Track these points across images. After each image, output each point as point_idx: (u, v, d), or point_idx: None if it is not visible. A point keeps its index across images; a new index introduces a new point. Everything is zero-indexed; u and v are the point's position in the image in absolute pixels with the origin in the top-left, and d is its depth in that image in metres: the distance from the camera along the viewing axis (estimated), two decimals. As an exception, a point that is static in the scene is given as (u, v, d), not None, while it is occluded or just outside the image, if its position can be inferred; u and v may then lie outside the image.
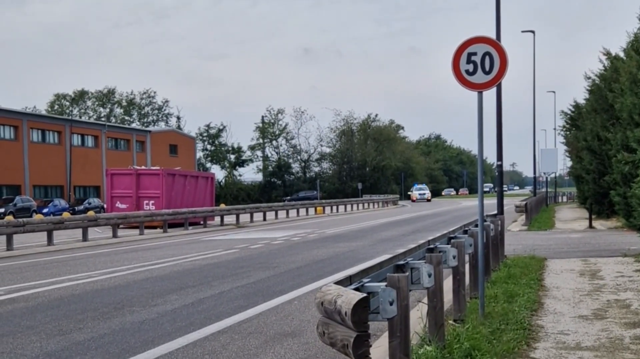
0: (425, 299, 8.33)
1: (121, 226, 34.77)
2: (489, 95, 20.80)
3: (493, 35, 14.51)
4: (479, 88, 9.47)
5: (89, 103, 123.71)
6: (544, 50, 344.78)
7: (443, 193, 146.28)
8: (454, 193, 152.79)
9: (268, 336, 9.48)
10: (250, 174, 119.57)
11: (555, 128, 71.44)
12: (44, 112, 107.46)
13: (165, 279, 15.93)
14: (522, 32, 53.46)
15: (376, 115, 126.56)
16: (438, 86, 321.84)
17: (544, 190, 71.89)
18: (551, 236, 26.21)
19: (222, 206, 47.80)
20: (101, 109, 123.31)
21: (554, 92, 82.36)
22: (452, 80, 9.41)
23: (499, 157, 20.50)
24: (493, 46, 9.36)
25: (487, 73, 9.33)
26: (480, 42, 9.35)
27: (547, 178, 67.44)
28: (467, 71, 9.37)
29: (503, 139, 21.20)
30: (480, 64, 9.30)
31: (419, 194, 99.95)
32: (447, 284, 9.63)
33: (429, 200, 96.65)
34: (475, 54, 9.32)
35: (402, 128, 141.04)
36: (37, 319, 11.03)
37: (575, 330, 9.01)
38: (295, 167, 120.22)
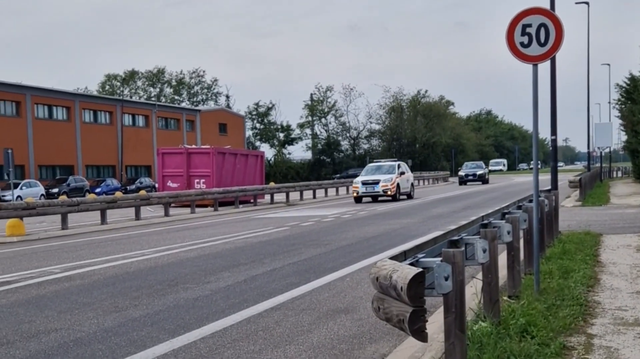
0: (479, 275, 8.24)
1: (172, 205, 35.13)
2: (542, 68, 20.44)
3: (547, 7, 14.16)
4: (534, 60, 9.28)
5: (139, 83, 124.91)
6: (599, 21, 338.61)
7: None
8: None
9: (321, 312, 9.49)
10: (299, 152, 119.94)
11: (610, 102, 70.26)
12: (95, 93, 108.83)
13: (217, 257, 16.04)
14: (576, 3, 52.43)
15: (426, 91, 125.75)
16: (488, 61, 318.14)
17: (598, 165, 70.80)
18: (606, 211, 25.79)
19: (272, 184, 48.00)
20: (151, 89, 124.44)
21: (608, 64, 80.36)
22: (502, 54, 9.32)
23: (553, 131, 20.10)
24: (549, 17, 9.15)
25: (543, 45, 9.12)
26: (535, 14, 9.15)
27: (601, 152, 66.42)
28: (521, 43, 9.18)
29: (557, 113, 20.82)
30: (535, 36, 9.11)
31: (363, 185, 39.50)
32: (501, 260, 9.51)
33: (388, 195, 39.20)
34: (530, 25, 9.12)
35: (452, 104, 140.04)
36: (94, 296, 11.19)
37: (634, 306, 8.85)
38: (345, 144, 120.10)
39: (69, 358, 7.53)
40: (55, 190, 58.12)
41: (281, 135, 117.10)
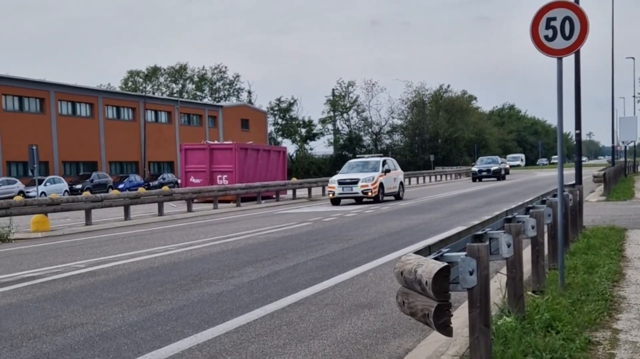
0: (504, 270, 8.22)
1: (195, 200, 35.23)
2: (566, 62, 20.36)
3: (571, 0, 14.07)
4: (559, 54, 9.23)
5: (161, 79, 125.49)
6: (623, 14, 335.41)
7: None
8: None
9: (344, 307, 9.50)
10: (321, 147, 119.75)
11: (634, 96, 69.72)
12: (118, 89, 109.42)
13: (240, 252, 16.08)
14: (600, -4, 51.94)
15: (448, 86, 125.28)
16: (511, 55, 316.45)
17: (622, 159, 70.22)
18: (631, 206, 25.58)
19: (294, 180, 48.02)
20: (173, 85, 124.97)
21: (633, 58, 79.42)
22: (526, 48, 9.28)
23: (577, 125, 19.99)
24: (573, 10, 9.09)
25: (567, 38, 9.07)
26: (559, 7, 9.09)
27: (625, 147, 65.87)
28: (546, 37, 9.14)
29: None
30: (560, 29, 9.06)
31: (340, 185, 34.62)
32: (525, 255, 9.47)
33: (369, 196, 34.30)
34: (554, 18, 9.08)
35: (475, 98, 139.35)
36: (118, 291, 11.26)
37: (660, 301, 8.78)
38: (367, 139, 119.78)
39: (94, 352, 7.59)
40: (79, 186, 58.50)
41: (303, 130, 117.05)
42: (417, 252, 5.75)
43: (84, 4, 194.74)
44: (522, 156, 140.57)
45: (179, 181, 50.29)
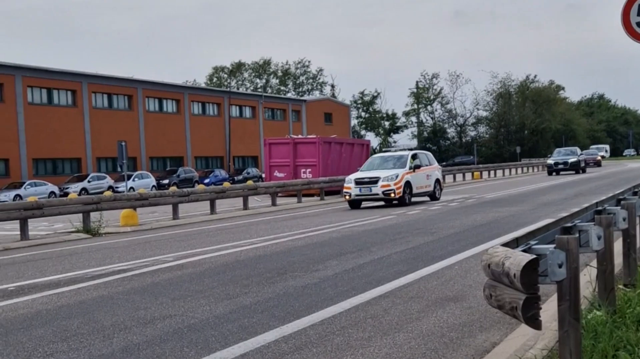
0: (593, 263, 8.02)
1: (279, 194, 35.51)
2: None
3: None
4: (651, 40, 8.98)
5: (245, 74, 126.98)
6: None
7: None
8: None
9: (430, 300, 9.42)
10: (404, 140, 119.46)
11: None
12: (203, 85, 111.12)
13: (324, 245, 16.13)
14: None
15: (535, 76, 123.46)
16: (601, 43, 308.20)
17: None
18: None
19: (378, 173, 47.90)
20: (257, 80, 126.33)
21: None
22: (616, 36, 8.98)
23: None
24: (665, -5, 8.84)
25: (660, 24, 8.83)
26: (652, -9, 8.85)
27: None
28: (638, 24, 8.90)
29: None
30: (651, 15, 8.81)
31: (358, 185, 28.81)
32: (616, 247, 9.21)
33: (392, 197, 28.45)
34: (646, 4, 8.84)
35: (563, 88, 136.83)
36: (205, 284, 11.42)
37: None
38: (451, 131, 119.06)
39: (183, 343, 7.71)
40: (166, 181, 59.69)
41: (386, 123, 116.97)
42: (505, 244, 5.66)
43: (171, 1, 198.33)
44: (607, 146, 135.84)
45: (263, 175, 50.79)
